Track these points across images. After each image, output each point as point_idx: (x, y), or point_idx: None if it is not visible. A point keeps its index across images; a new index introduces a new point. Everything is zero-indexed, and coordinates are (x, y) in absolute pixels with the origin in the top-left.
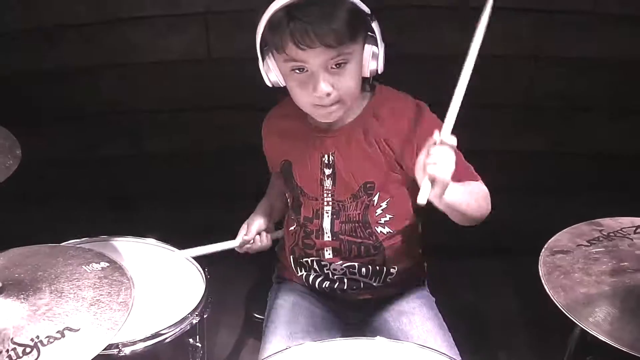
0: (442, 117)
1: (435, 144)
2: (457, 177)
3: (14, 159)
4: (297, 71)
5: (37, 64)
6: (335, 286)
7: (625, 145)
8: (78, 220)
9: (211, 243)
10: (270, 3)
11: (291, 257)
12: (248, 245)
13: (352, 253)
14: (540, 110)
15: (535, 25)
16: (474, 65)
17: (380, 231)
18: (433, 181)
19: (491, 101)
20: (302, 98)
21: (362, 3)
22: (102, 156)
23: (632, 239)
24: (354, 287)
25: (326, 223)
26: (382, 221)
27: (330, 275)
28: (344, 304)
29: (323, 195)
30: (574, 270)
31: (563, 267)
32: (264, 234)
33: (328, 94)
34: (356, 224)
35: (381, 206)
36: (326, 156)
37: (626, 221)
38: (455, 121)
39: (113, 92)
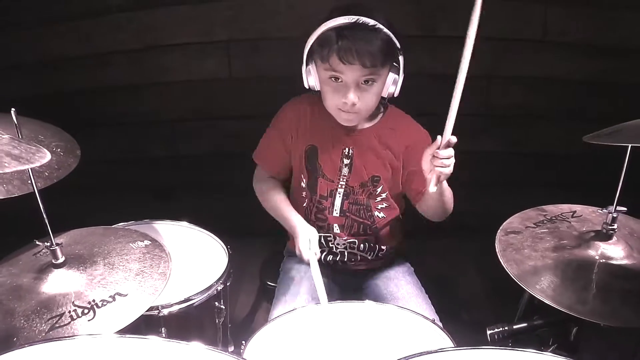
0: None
1: (439, 147)
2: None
3: (74, 158)
4: (334, 79)
5: (93, 82)
6: (338, 259)
7: (565, 147)
8: (125, 207)
9: (230, 226)
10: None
11: None
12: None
13: (353, 229)
14: (496, 118)
15: (492, 50)
16: (442, 80)
17: (377, 215)
18: (439, 175)
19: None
20: (331, 101)
21: (395, 38)
22: (144, 156)
23: (570, 222)
24: (352, 260)
25: (337, 202)
26: (379, 207)
27: (334, 249)
28: (343, 273)
29: (339, 179)
30: (524, 247)
31: (515, 244)
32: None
33: (353, 104)
34: (361, 206)
35: (381, 196)
36: (347, 149)
37: (565, 207)
38: (431, 128)
39: (153, 105)
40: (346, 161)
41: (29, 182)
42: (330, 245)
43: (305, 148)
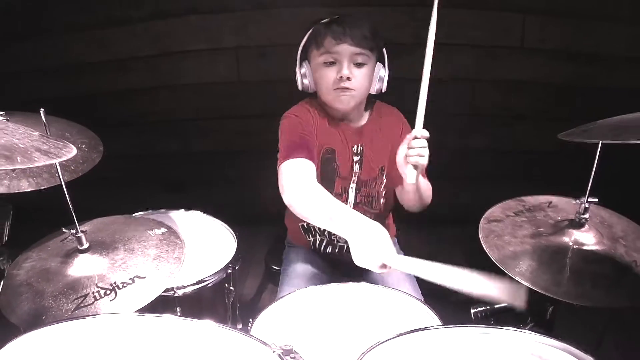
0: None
1: (414, 137)
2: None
3: (98, 153)
4: (328, 64)
5: (113, 85)
6: (336, 250)
7: (543, 144)
8: (143, 198)
9: (237, 215)
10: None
11: (300, 225)
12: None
13: None
14: (481, 118)
15: (477, 56)
16: (433, 84)
17: (382, 202)
18: (416, 166)
19: (445, 112)
20: (327, 83)
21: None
22: (160, 152)
23: (546, 211)
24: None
25: (351, 196)
26: (382, 195)
27: (335, 242)
28: (340, 260)
29: (351, 176)
30: (504, 234)
31: (496, 231)
32: None
33: (349, 78)
34: (372, 197)
35: (383, 182)
36: (356, 146)
37: (542, 198)
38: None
39: (167, 105)
40: (356, 158)
41: (57, 175)
42: (332, 238)
43: (322, 150)
